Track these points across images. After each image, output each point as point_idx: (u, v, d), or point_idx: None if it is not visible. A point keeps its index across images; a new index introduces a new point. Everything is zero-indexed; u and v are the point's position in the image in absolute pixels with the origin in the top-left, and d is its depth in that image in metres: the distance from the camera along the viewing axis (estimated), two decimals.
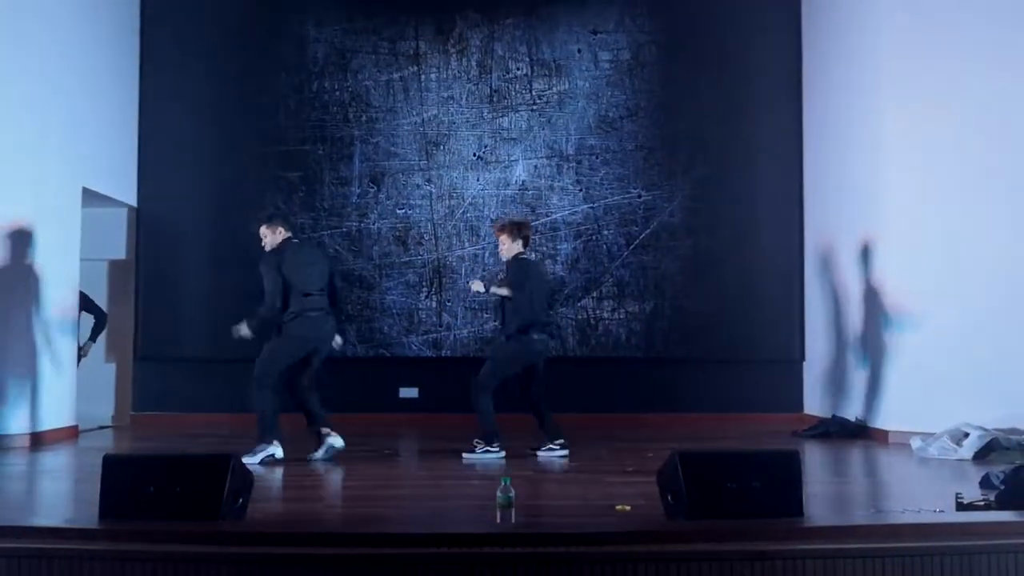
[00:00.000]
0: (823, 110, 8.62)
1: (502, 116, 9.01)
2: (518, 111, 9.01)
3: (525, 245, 6.68)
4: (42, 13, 7.29)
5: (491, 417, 6.40)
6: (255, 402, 6.16)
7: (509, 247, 6.61)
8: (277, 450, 6.10)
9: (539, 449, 6.47)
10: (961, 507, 4.26)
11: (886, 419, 7.42)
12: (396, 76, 9.02)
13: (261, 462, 5.93)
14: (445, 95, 9.01)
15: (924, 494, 4.80)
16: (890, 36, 7.46)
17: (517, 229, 6.66)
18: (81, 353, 7.81)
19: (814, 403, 8.71)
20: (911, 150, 7.26)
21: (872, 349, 7.63)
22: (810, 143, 8.90)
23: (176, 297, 8.85)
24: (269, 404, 6.12)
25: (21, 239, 7.09)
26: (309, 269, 6.32)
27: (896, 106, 7.38)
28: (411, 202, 8.94)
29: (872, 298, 7.62)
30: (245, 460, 5.88)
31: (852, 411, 7.91)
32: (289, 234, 6.39)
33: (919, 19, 7.30)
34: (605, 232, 8.95)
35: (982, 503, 4.33)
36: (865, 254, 7.72)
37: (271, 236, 6.39)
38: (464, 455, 6.38)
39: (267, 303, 6.23)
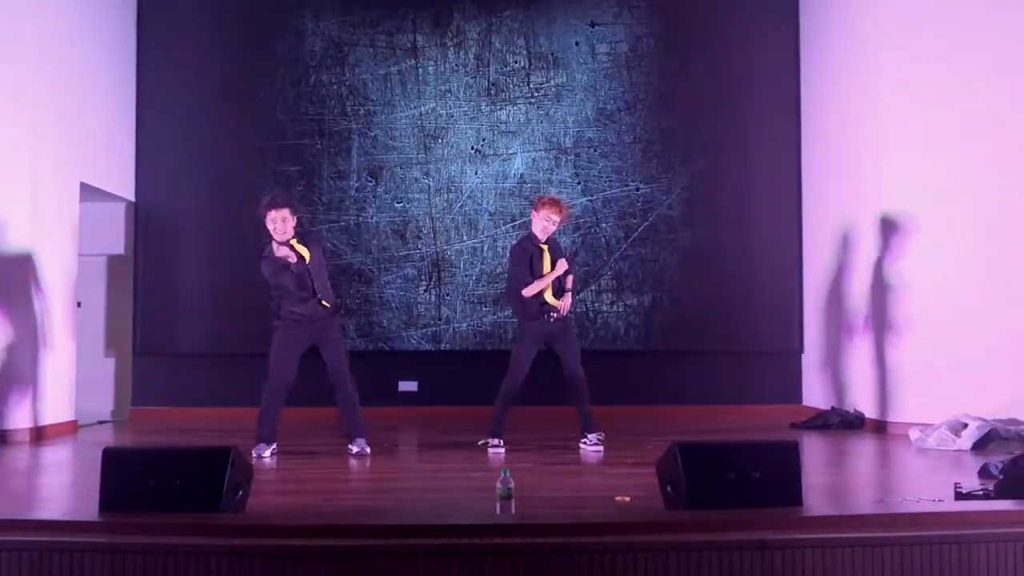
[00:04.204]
0: (821, 101, 8.61)
1: (500, 109, 9.00)
2: (516, 104, 9.01)
3: None
4: (37, 7, 7.27)
5: None
6: (356, 396, 6.29)
7: (555, 226, 6.52)
8: None
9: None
10: (960, 497, 4.27)
11: (885, 410, 7.43)
12: (394, 69, 9.01)
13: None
14: (443, 88, 9.00)
15: (923, 484, 4.82)
16: (888, 26, 7.46)
17: None
18: None
19: (812, 395, 8.73)
20: (911, 140, 7.27)
21: (870, 341, 7.64)
22: (808, 134, 8.90)
23: (175, 292, 8.84)
24: None
25: (19, 234, 7.09)
26: None
27: (895, 96, 7.38)
28: (409, 196, 8.94)
29: (870, 289, 7.62)
30: (356, 450, 6.14)
31: (850, 402, 7.92)
32: None
33: (917, 7, 7.30)
34: (603, 225, 8.95)
35: (981, 493, 4.34)
36: (863, 246, 7.72)
37: (292, 222, 6.20)
38: (591, 448, 6.33)
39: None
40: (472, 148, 8.98)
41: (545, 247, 6.49)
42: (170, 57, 8.89)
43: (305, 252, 6.10)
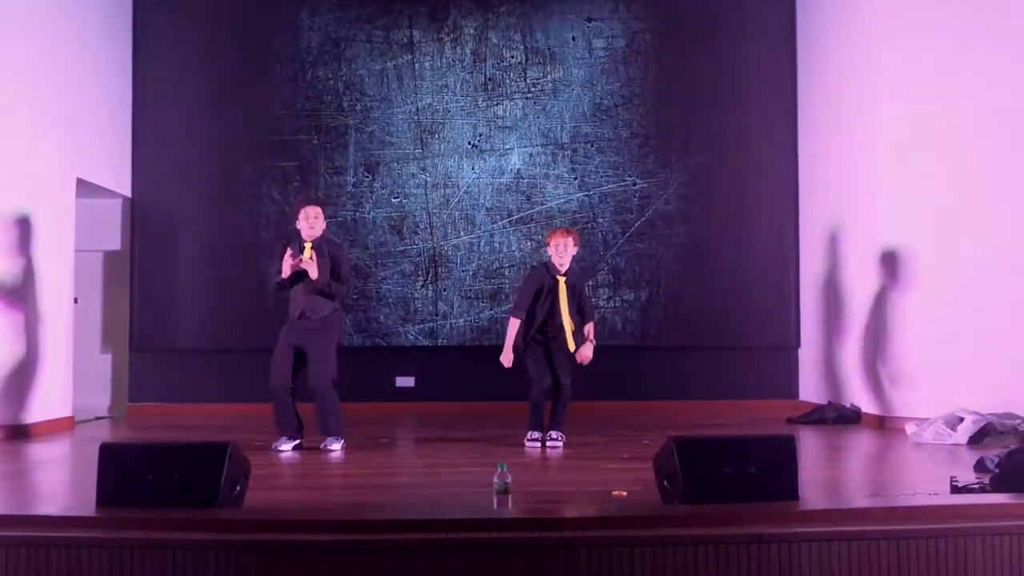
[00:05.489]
0: (818, 96, 8.62)
1: (497, 104, 9.00)
2: (513, 99, 9.00)
3: None
4: (34, 3, 7.25)
5: None
6: (334, 400, 6.18)
7: (571, 255, 6.35)
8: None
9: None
10: (956, 490, 4.28)
11: (881, 405, 7.45)
12: (390, 65, 9.00)
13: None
14: (440, 83, 9.00)
15: (919, 478, 4.82)
16: (885, 20, 7.46)
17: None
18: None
19: (809, 390, 8.74)
20: (907, 134, 7.27)
21: (867, 335, 7.65)
22: (805, 129, 8.91)
23: (171, 288, 8.84)
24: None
25: (15, 230, 7.08)
26: None
27: (892, 91, 7.38)
28: (406, 191, 8.93)
29: (867, 284, 7.63)
30: (322, 446, 6.08)
31: (847, 397, 7.94)
32: None
33: (916, 3, 7.31)
34: (600, 220, 8.95)
35: (977, 486, 4.35)
36: (860, 240, 7.73)
37: (323, 224, 6.34)
38: (552, 446, 6.26)
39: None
40: (469, 143, 8.98)
41: (563, 280, 6.32)
42: (167, 53, 8.87)
43: (312, 268, 6.14)
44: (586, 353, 6.37)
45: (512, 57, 9.04)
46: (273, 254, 6.48)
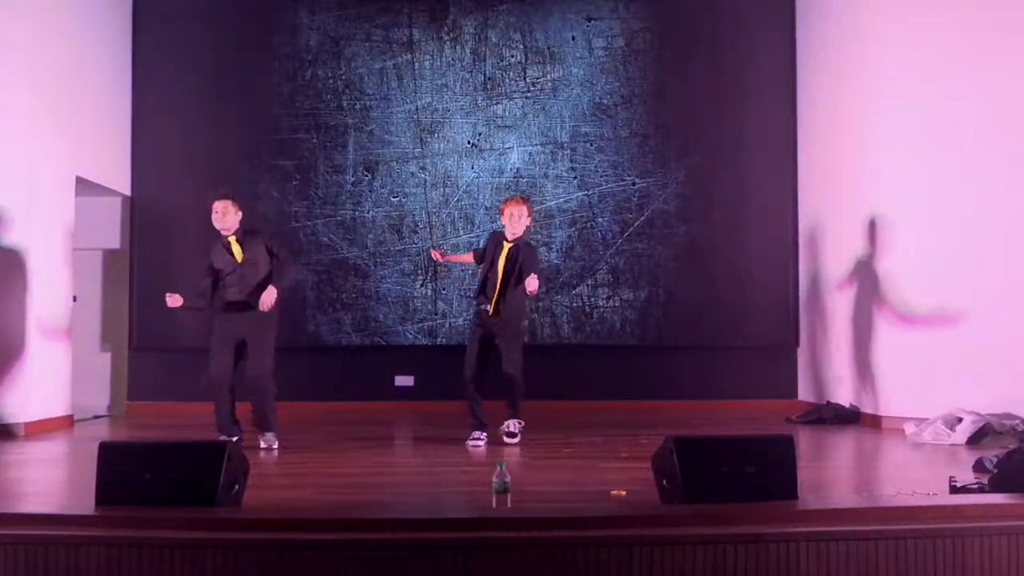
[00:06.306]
0: (817, 96, 8.62)
1: (496, 103, 9.00)
2: (512, 98, 9.00)
3: None
4: (34, 1, 7.25)
5: None
6: (273, 394, 6.10)
7: (524, 224, 6.43)
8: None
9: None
10: (954, 490, 4.29)
11: (880, 405, 7.45)
12: (390, 64, 9.00)
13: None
14: (439, 82, 8.99)
15: (917, 478, 4.83)
16: (884, 20, 7.46)
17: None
18: None
19: (808, 389, 8.74)
20: (904, 134, 7.28)
21: (865, 334, 7.65)
22: (803, 129, 8.91)
23: (170, 286, 8.74)
24: None
25: (14, 228, 7.07)
26: None
27: (890, 90, 7.39)
28: (405, 190, 8.93)
29: (865, 283, 7.64)
30: (264, 445, 6.02)
31: (846, 397, 7.94)
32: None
33: (914, 3, 7.31)
34: (599, 219, 8.95)
35: (975, 487, 4.35)
36: (858, 239, 7.73)
37: (235, 215, 6.19)
38: (504, 432, 6.32)
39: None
40: (468, 142, 8.98)
41: (508, 245, 6.38)
42: (166, 51, 8.86)
43: (239, 253, 6.13)
44: (531, 285, 6.13)
45: (512, 56, 9.04)
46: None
